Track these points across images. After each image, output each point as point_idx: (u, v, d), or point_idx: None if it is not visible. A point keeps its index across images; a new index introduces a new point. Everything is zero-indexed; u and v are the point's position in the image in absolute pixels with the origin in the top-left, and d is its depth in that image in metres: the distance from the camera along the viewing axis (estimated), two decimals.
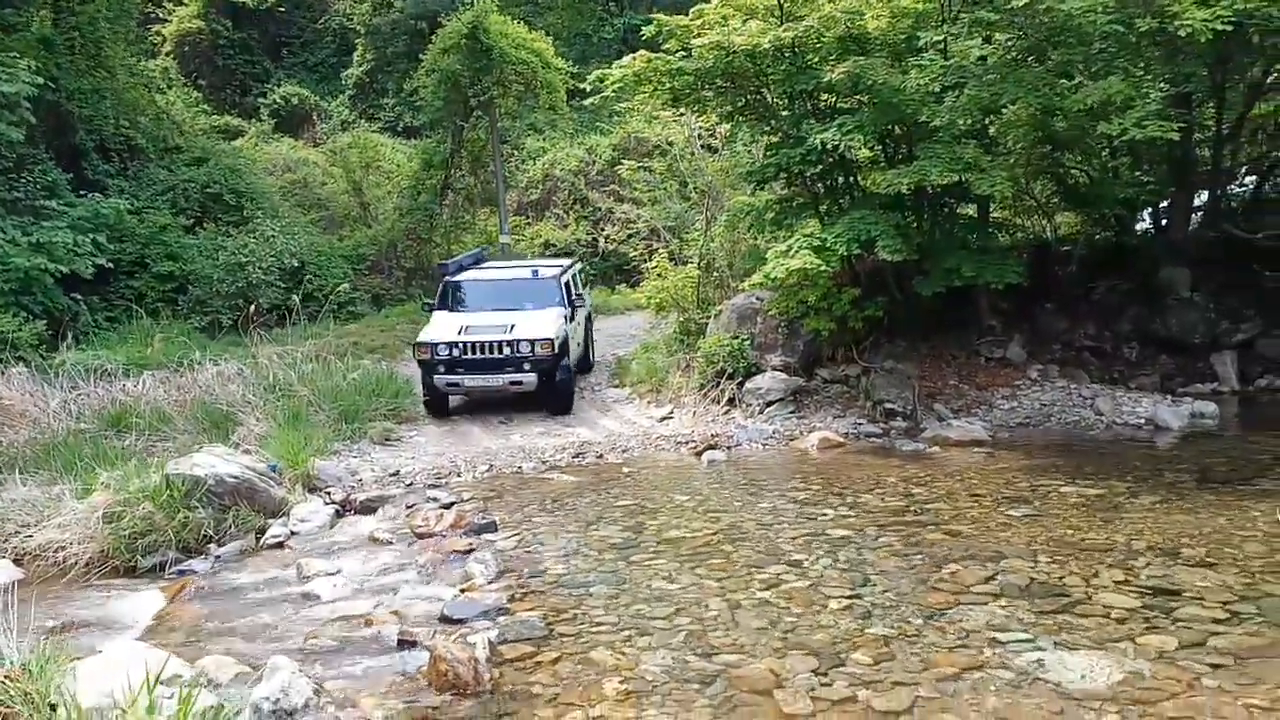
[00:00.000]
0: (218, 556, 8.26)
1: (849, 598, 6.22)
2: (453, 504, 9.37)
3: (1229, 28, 9.14)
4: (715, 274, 14.87)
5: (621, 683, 5.02)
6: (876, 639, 5.51)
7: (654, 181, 20.41)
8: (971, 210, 13.33)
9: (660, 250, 16.99)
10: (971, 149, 10.57)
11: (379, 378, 13.52)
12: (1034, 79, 10.02)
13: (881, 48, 11.16)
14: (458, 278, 14.23)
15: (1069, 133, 11.20)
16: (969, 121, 10.35)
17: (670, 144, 18.99)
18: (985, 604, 5.99)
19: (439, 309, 13.66)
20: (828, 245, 10.99)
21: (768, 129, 13.10)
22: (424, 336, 12.84)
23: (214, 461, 9.20)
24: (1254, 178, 15.19)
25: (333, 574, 7.65)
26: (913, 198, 11.90)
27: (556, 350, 12.71)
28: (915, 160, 10.92)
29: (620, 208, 24.48)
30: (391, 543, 8.42)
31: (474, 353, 12.57)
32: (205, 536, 8.50)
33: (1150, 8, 9.41)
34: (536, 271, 14.39)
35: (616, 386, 14.67)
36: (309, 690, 4.82)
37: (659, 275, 15.57)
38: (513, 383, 12.67)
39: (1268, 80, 13.16)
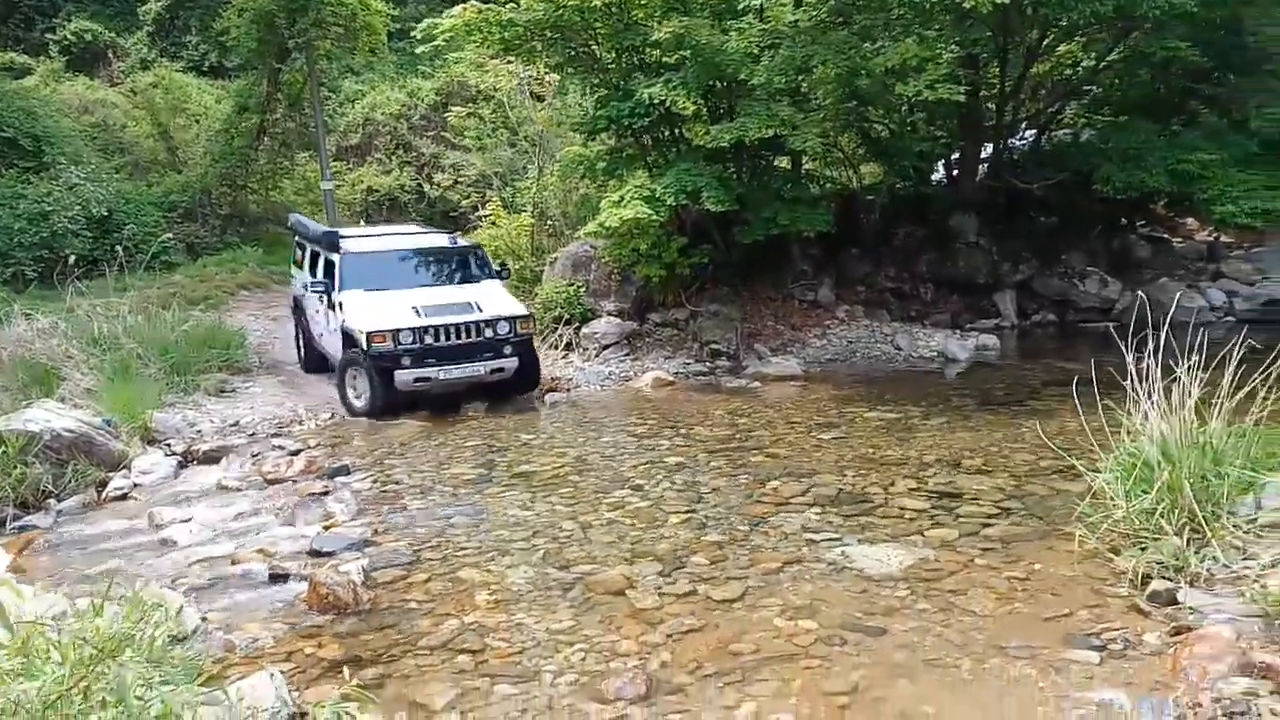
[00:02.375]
0: (60, 511, 8.21)
1: (686, 513, 6.98)
2: (300, 451, 9.56)
3: (1006, 1, 10.29)
4: (549, 222, 15.34)
5: (490, 594, 5.57)
6: (711, 544, 6.28)
7: (483, 129, 20.53)
8: (785, 162, 14.30)
9: (493, 199, 17.26)
10: (786, 106, 11.43)
11: (210, 329, 13.30)
12: (840, 42, 10.93)
13: (703, 7, 11.81)
14: (360, 248, 11.85)
15: (872, 90, 12.25)
16: (783, 80, 11.17)
17: (496, 90, 19.16)
18: (801, 512, 6.88)
19: (349, 288, 11.17)
20: (658, 196, 11.66)
21: (597, 81, 13.59)
22: (373, 323, 10.54)
23: (48, 416, 9.03)
24: (1032, 132, 16.90)
25: (187, 521, 7.77)
26: (733, 151, 12.72)
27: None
28: (736, 116, 11.70)
29: (450, 154, 24.40)
30: (242, 490, 8.58)
31: (447, 338, 10.61)
32: (44, 492, 8.39)
33: None
34: (455, 239, 12.63)
35: None
36: (197, 618, 5.13)
37: (493, 224, 15.88)
38: (495, 370, 10.86)
39: (1042, 44, 14.69)
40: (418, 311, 10.64)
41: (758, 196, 13.07)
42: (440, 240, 12.50)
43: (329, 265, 11.65)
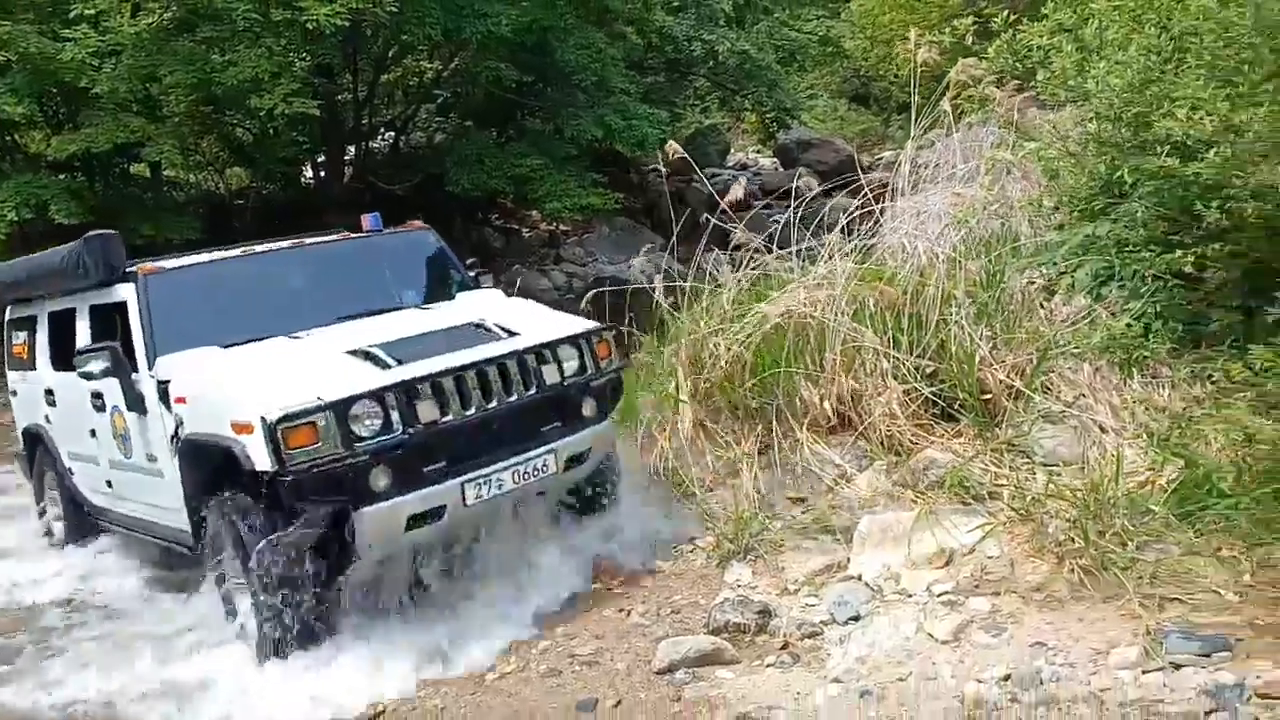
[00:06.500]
0: None
1: None
2: None
3: (347, 23, 11.17)
4: None
5: None
6: None
7: None
8: (145, 169, 13.78)
9: None
10: (136, 115, 11.13)
11: None
12: (187, 52, 10.93)
13: (29, 9, 10.93)
14: (180, 264, 5.71)
15: (229, 97, 12.40)
16: (129, 88, 10.85)
17: None
18: None
19: (173, 348, 5.04)
20: None
21: None
22: (276, 397, 4.32)
23: None
24: (391, 135, 18.23)
25: None
26: (83, 160, 11.97)
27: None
28: (81, 125, 11.08)
29: None
30: None
31: (464, 403, 4.68)
32: None
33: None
34: (375, 220, 6.30)
35: None
36: None
37: None
38: (572, 459, 5.02)
39: (389, 56, 15.97)
40: (373, 358, 4.67)
41: (117, 206, 12.45)
42: (338, 238, 6.30)
43: (109, 316, 5.59)
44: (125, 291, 5.27)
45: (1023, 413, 4.88)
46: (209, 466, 4.66)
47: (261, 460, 4.23)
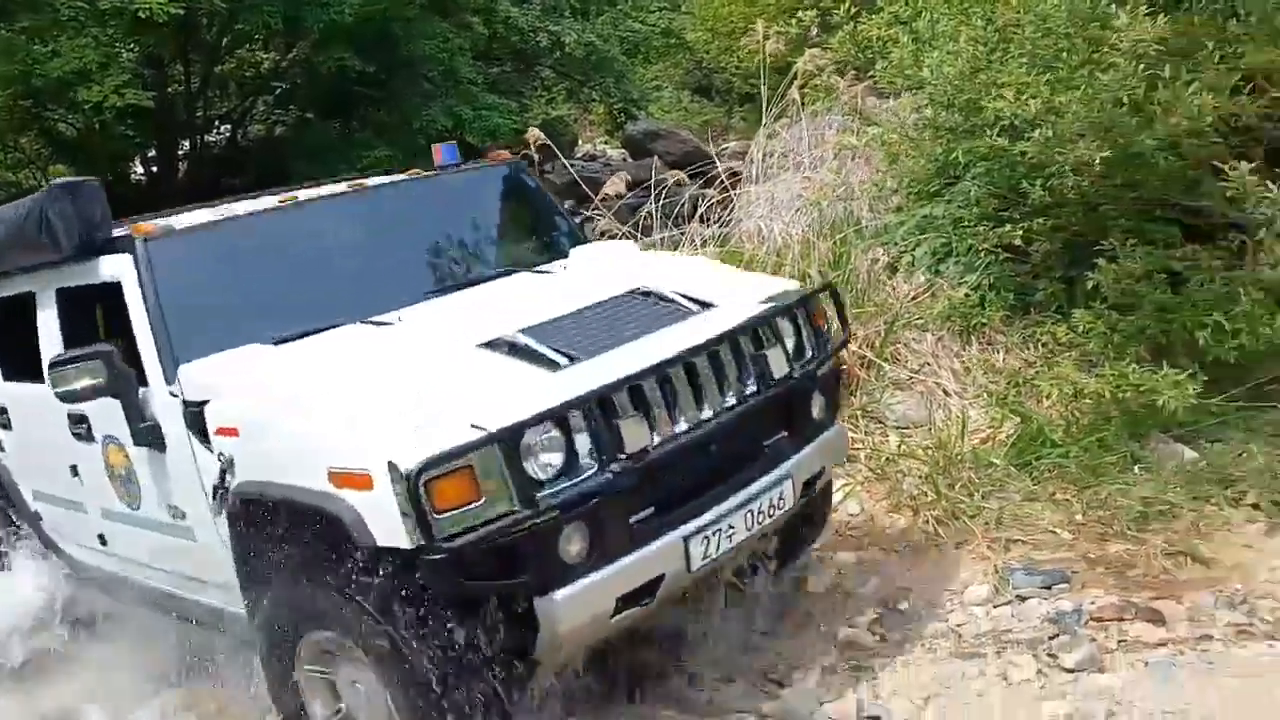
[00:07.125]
0: None
1: None
2: None
3: (182, 10, 10.70)
4: None
5: None
6: None
7: None
8: None
9: None
10: None
11: None
12: (4, 42, 10.27)
13: None
14: (197, 221, 3.86)
15: (52, 88, 11.69)
16: None
17: None
18: None
19: (203, 349, 3.29)
20: None
21: None
22: (389, 447, 2.64)
23: None
24: (228, 128, 17.51)
25: None
26: None
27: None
28: None
29: None
30: None
31: (674, 414, 3.03)
32: None
33: None
34: (452, 151, 4.45)
35: None
36: None
37: None
38: (811, 481, 3.45)
39: (223, 45, 15.35)
40: (532, 355, 3.05)
41: None
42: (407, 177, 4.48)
43: (86, 304, 4.06)
44: (116, 266, 3.58)
45: (874, 381, 5.21)
46: (284, 534, 3.01)
47: (391, 532, 2.63)
